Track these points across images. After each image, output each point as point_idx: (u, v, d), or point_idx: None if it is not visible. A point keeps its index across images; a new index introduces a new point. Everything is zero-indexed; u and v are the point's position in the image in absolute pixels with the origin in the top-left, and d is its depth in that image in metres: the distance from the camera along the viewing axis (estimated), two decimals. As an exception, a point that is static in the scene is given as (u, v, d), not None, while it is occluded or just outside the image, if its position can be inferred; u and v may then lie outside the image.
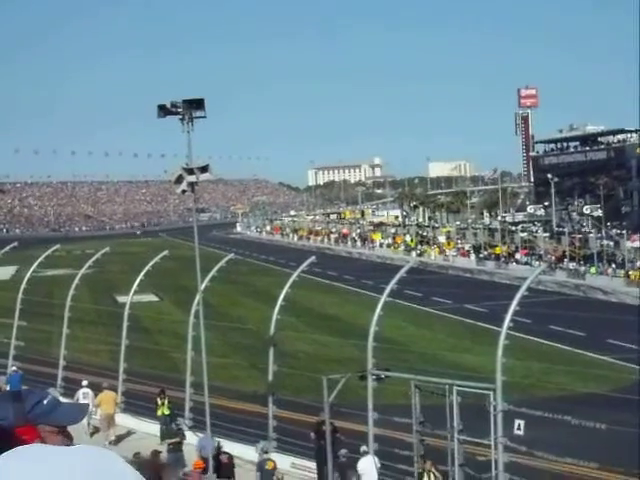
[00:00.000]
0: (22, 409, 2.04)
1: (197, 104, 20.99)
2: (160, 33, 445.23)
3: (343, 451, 19.72)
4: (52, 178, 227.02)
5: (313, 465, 20.85)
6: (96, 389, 24.99)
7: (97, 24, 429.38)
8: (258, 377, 26.40)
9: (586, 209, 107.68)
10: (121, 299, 41.93)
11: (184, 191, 21.02)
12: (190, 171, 20.53)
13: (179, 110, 20.76)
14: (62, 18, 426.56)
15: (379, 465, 18.81)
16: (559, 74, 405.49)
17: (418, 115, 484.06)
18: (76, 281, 28.34)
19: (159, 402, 24.10)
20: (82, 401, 23.98)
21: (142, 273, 26.16)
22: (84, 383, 25.41)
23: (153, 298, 52.43)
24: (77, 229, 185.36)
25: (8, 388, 24.79)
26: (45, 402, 2.07)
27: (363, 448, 19.18)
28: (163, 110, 20.98)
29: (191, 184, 20.67)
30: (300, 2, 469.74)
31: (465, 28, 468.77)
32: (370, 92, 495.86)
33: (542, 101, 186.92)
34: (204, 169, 20.83)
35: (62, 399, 2.29)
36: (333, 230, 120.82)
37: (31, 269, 30.47)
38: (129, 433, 25.06)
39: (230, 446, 21.54)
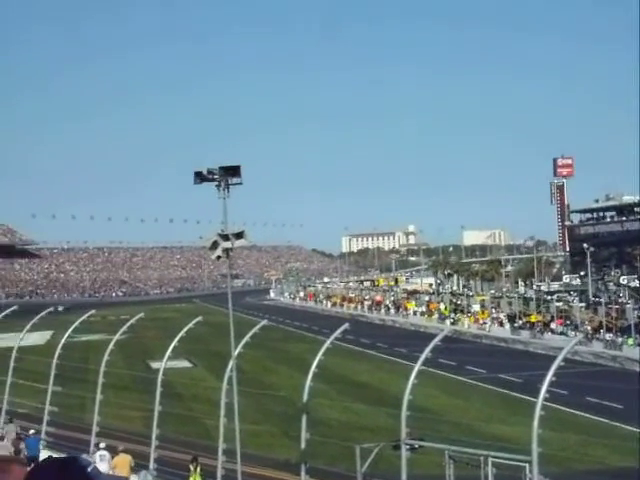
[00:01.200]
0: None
1: (233, 171, 21.24)
2: (197, 98, 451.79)
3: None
4: (89, 244, 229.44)
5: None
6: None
7: (133, 89, 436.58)
8: (290, 445, 26.20)
9: (623, 279, 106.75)
10: (155, 365, 41.99)
11: (219, 257, 21.16)
12: (225, 237, 20.70)
13: (215, 177, 21.01)
14: (97, 75, 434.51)
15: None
16: (595, 143, 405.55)
17: (453, 183, 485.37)
18: (110, 346, 28.43)
19: (192, 469, 23.97)
20: (99, 463, 24.20)
21: (176, 339, 26.20)
22: (102, 445, 25.49)
23: (186, 364, 52.43)
24: (112, 294, 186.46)
25: (26, 452, 24.88)
26: (89, 470, 2.10)
27: None
28: (200, 177, 21.25)
29: (226, 250, 20.82)
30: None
31: (500, 93, 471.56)
32: (406, 158, 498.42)
33: (578, 169, 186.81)
34: (239, 235, 20.99)
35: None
36: (366, 297, 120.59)
37: (66, 334, 30.64)
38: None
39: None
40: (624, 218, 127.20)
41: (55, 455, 24.94)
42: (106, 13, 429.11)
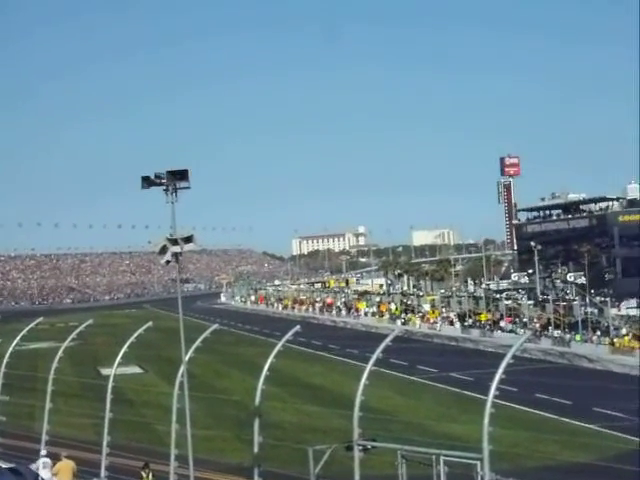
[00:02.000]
0: None
1: (181, 175, 21.10)
2: (141, 99, 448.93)
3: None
4: (36, 251, 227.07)
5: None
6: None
7: (79, 93, 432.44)
8: (243, 449, 26.12)
9: (570, 276, 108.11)
10: (105, 371, 41.62)
11: (168, 262, 21.01)
12: (174, 242, 20.56)
13: (163, 181, 20.87)
14: (42, 84, 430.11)
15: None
16: (541, 142, 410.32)
17: (401, 183, 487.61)
18: (59, 354, 28.10)
19: (143, 475, 23.78)
20: (41, 470, 24.15)
21: (126, 345, 25.95)
22: (43, 452, 25.34)
23: (137, 370, 52.05)
24: (61, 301, 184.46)
25: None
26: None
27: None
28: (147, 181, 21.09)
29: (175, 255, 20.69)
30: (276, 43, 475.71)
31: (447, 91, 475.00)
32: (353, 159, 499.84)
33: (524, 169, 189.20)
34: (188, 239, 20.87)
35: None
36: (318, 299, 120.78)
37: (14, 342, 30.23)
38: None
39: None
40: (570, 216, 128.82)
41: (3, 465, 24.68)
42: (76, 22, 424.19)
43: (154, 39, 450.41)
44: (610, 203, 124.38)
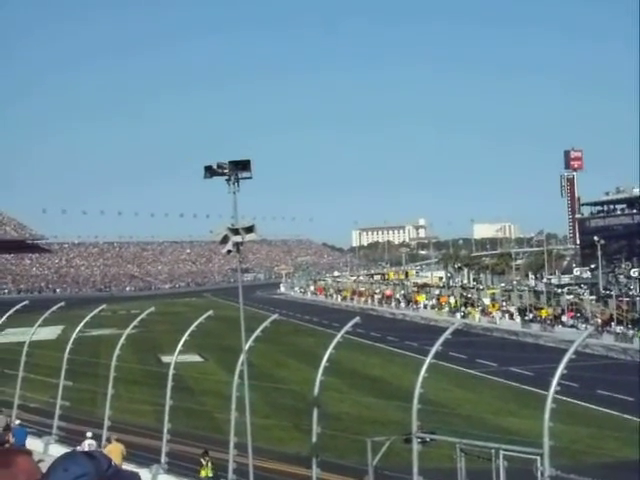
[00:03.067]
0: (100, 467, 2.08)
1: (243, 165, 21.22)
2: (207, 86, 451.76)
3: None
4: (99, 238, 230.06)
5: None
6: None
7: (147, 78, 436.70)
8: (301, 439, 26.24)
9: (633, 272, 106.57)
10: (165, 359, 42.10)
11: (229, 251, 21.15)
12: (236, 231, 20.69)
13: (225, 171, 21.00)
14: (100, 69, 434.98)
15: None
16: (605, 136, 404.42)
17: (463, 176, 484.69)
18: (122, 341, 28.48)
19: (203, 463, 24.04)
20: None
21: (187, 333, 26.22)
22: (89, 434, 26.11)
23: (197, 358, 52.53)
24: (123, 289, 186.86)
25: (14, 441, 25.16)
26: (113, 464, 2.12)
27: None
28: (209, 171, 21.25)
29: (236, 244, 20.82)
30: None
31: (510, 87, 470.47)
32: (416, 151, 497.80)
33: (588, 163, 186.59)
34: (249, 229, 20.99)
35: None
36: (377, 291, 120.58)
37: (77, 329, 30.71)
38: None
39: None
40: (634, 211, 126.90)
41: (62, 449, 25.12)
42: (118, 9, 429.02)
43: (219, 25, 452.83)
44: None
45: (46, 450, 26.75)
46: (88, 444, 25.20)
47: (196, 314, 27.90)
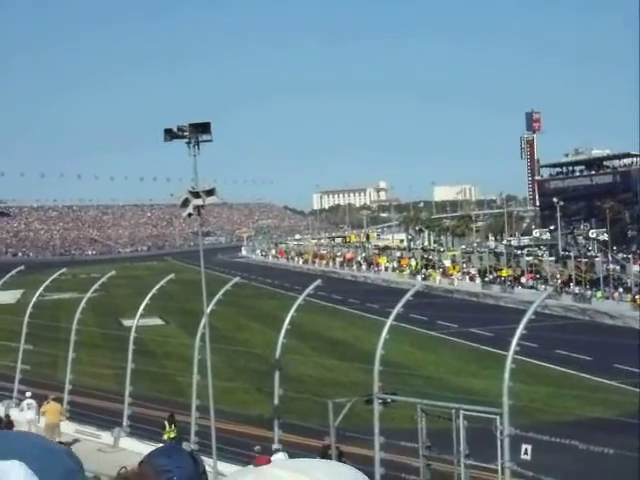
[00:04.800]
0: (198, 475, 2.04)
1: (203, 128, 21.06)
2: (164, 53, 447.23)
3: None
4: (58, 202, 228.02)
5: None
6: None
7: (102, 46, 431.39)
8: (264, 401, 26.36)
9: (592, 233, 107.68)
10: (127, 322, 41.95)
11: (190, 214, 21.05)
12: (196, 195, 20.58)
13: (185, 134, 20.83)
14: (66, 40, 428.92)
15: None
16: (563, 97, 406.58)
17: (423, 139, 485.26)
18: (82, 305, 28.35)
19: (166, 426, 24.07)
20: (26, 411, 25.97)
21: (148, 297, 26.15)
22: (28, 394, 26.62)
23: (159, 322, 52.40)
24: (83, 253, 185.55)
25: None
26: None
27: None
28: (169, 134, 21.06)
29: (197, 208, 20.72)
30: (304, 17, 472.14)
31: (468, 52, 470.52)
32: (376, 115, 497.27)
33: (547, 125, 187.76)
34: (210, 193, 20.88)
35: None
36: (338, 254, 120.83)
37: (37, 293, 30.49)
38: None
39: (234, 469, 21.43)
40: (593, 172, 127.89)
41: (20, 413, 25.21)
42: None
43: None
44: (634, 159, 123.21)
45: (7, 413, 26.67)
46: (27, 403, 25.91)
47: (157, 278, 27.82)
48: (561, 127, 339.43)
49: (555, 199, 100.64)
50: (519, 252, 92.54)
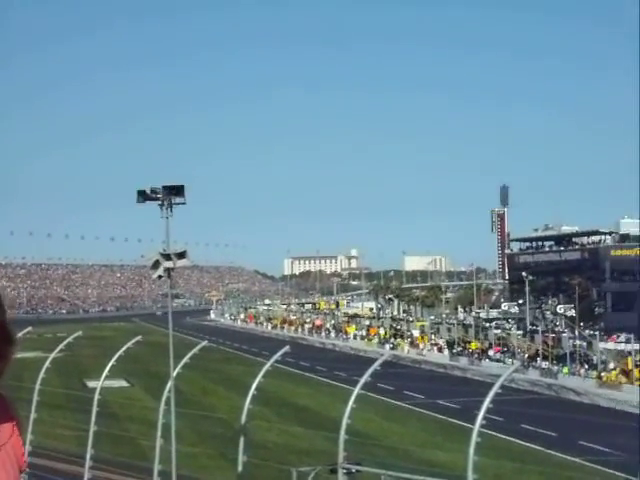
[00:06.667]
0: None
1: (177, 191, 21.18)
2: (139, 113, 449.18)
3: None
4: (27, 260, 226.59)
5: None
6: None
7: (73, 106, 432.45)
8: (227, 467, 26.04)
9: (560, 308, 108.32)
10: (91, 384, 41.45)
11: (160, 276, 21.05)
12: (167, 257, 20.60)
13: (159, 196, 20.93)
14: (36, 99, 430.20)
15: None
16: (535, 173, 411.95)
17: (395, 208, 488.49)
18: (46, 364, 28.02)
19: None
20: None
21: (114, 358, 25.91)
22: None
23: (124, 384, 51.87)
24: (50, 312, 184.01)
25: None
26: None
27: None
28: (143, 196, 21.16)
29: (168, 270, 20.72)
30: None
31: (443, 120, 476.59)
32: (348, 183, 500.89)
33: (518, 200, 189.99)
34: (181, 255, 20.92)
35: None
36: (307, 320, 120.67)
37: (1, 350, 30.13)
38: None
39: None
40: (562, 248, 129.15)
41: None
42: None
43: (153, 54, 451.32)
44: (603, 237, 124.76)
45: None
46: None
47: (124, 339, 27.60)
48: (532, 203, 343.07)
49: (524, 273, 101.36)
50: (487, 325, 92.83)
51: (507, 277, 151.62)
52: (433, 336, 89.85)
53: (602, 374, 61.29)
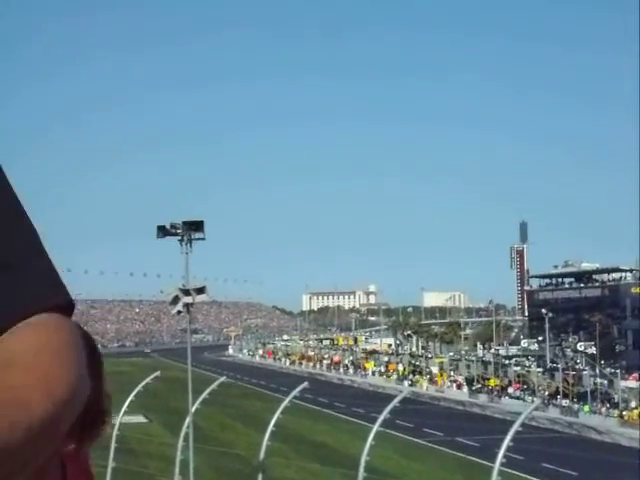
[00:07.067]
0: None
1: (196, 226, 21.30)
2: (158, 147, 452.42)
3: None
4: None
5: None
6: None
7: (97, 139, 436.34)
8: (245, 504, 25.91)
9: (580, 346, 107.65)
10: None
11: (179, 312, 21.10)
12: (187, 292, 20.66)
13: (178, 231, 21.04)
14: (53, 128, 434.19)
15: None
16: (555, 209, 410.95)
17: (414, 244, 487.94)
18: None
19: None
20: None
21: (132, 394, 25.93)
22: None
23: (142, 419, 51.75)
24: None
25: None
26: None
27: None
28: (163, 231, 21.29)
29: (187, 305, 20.77)
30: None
31: (457, 155, 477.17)
32: (367, 218, 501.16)
33: (537, 236, 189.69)
34: (201, 291, 20.97)
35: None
36: (325, 356, 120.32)
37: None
38: None
39: None
40: (582, 285, 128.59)
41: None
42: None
43: (164, 86, 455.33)
44: (623, 274, 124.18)
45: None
46: None
47: (143, 374, 27.65)
48: (553, 238, 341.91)
49: (544, 310, 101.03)
50: (507, 362, 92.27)
51: (526, 314, 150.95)
52: (452, 373, 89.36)
53: (624, 413, 60.72)
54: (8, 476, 1.00)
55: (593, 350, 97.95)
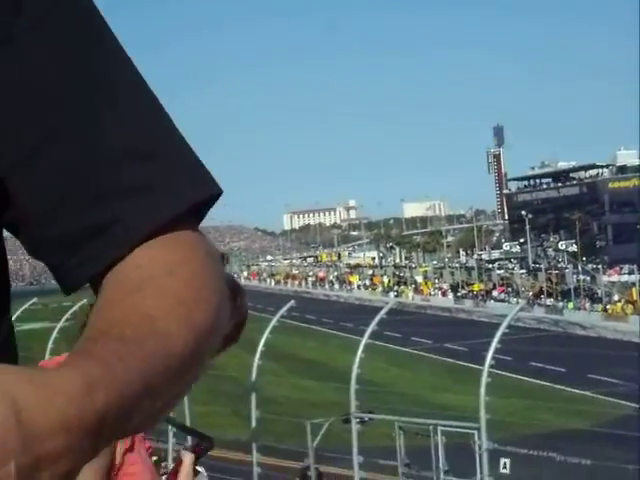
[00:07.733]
0: None
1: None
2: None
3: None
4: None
5: (299, 511, 20.64)
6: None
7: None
8: (240, 424, 26.18)
9: (561, 245, 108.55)
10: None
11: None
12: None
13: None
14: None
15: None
16: (530, 111, 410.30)
17: (391, 156, 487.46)
18: (54, 334, 28.11)
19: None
20: None
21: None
22: None
23: (132, 348, 52.08)
24: (53, 282, 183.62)
25: None
26: None
27: None
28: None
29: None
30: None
31: (435, 66, 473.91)
32: (342, 134, 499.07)
33: (512, 139, 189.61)
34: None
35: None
36: (310, 274, 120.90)
37: (8, 323, 30.18)
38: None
39: (214, 495, 21.29)
40: (560, 184, 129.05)
41: None
42: None
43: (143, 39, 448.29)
44: (600, 170, 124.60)
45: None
46: None
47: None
48: (526, 140, 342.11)
49: (523, 212, 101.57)
50: (490, 266, 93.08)
51: (507, 217, 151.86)
52: (436, 281, 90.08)
53: (607, 306, 61.56)
54: (144, 422, 0.75)
55: (574, 248, 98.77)
